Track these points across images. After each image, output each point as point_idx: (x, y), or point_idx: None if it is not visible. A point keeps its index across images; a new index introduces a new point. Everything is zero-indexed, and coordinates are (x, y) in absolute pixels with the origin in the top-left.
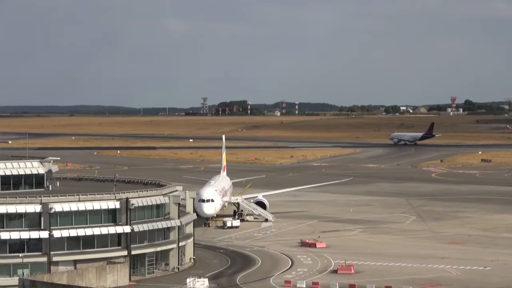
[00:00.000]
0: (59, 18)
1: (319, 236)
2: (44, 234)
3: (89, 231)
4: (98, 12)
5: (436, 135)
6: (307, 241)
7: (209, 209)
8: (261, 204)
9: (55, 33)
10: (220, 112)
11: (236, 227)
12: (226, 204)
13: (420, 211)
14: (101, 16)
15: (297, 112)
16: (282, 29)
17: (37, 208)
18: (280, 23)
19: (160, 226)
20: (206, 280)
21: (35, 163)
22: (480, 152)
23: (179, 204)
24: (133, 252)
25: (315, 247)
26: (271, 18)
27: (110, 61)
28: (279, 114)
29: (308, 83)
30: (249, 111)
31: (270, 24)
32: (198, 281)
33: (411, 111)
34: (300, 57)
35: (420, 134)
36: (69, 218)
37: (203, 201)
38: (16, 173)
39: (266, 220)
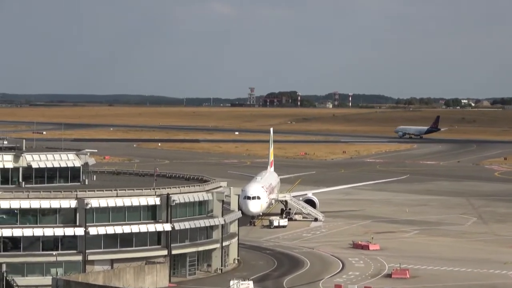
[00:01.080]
0: (99, 2)
1: (372, 238)
2: (80, 231)
3: (127, 229)
4: None
5: (442, 129)
6: (359, 242)
7: (255, 207)
8: (310, 202)
9: (94, 18)
10: (268, 104)
11: (284, 226)
12: (273, 202)
13: (481, 212)
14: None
15: (350, 104)
16: (335, 15)
17: (73, 203)
18: (333, 9)
19: (202, 225)
20: (251, 282)
21: (71, 156)
22: None
23: (223, 201)
24: (174, 252)
25: (368, 249)
26: (324, 3)
27: (152, 48)
28: (331, 106)
29: (363, 73)
30: (299, 103)
31: (322, 10)
32: (242, 284)
33: (473, 104)
34: (354, 45)
35: (425, 128)
36: (106, 215)
37: (248, 198)
38: (51, 166)
39: (316, 219)
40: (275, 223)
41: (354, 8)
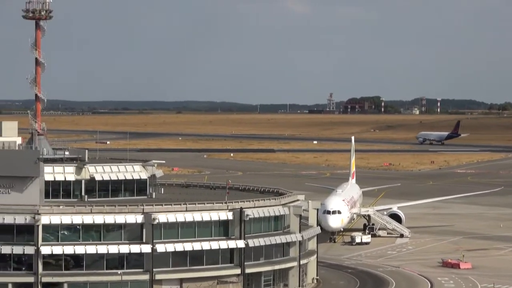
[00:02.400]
0: (165, 4)
1: (463, 256)
2: (146, 249)
3: (197, 246)
4: None
5: (462, 135)
6: (449, 261)
7: (335, 222)
8: (395, 217)
9: (161, 21)
10: (349, 110)
11: (367, 243)
12: (355, 216)
13: None
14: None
15: (439, 110)
16: (422, 14)
17: (139, 218)
18: (419, 8)
19: (278, 241)
20: None
21: (137, 167)
22: None
23: (300, 216)
24: (247, 271)
25: (459, 268)
26: (409, 1)
27: (223, 51)
28: (418, 112)
29: (453, 77)
30: (382, 109)
31: (408, 8)
32: None
33: None
34: (443, 46)
35: (446, 133)
36: (174, 231)
37: (328, 212)
38: (115, 178)
39: (402, 235)
40: (357, 240)
41: (442, 6)
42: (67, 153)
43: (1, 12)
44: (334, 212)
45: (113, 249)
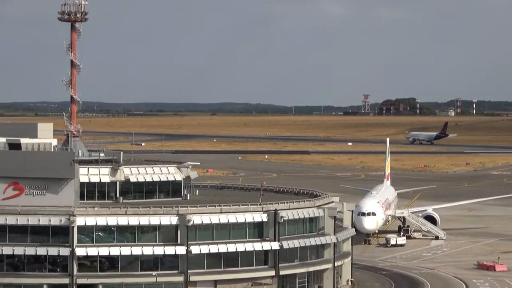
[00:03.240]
0: (201, 6)
1: (499, 258)
2: (181, 250)
3: (231, 247)
4: None
5: (450, 135)
6: (485, 263)
7: (370, 224)
8: (431, 219)
9: (196, 23)
10: (384, 112)
11: (402, 245)
12: (390, 218)
13: None
14: (246, 1)
15: (474, 111)
16: (456, 15)
17: (173, 220)
18: (454, 8)
19: (313, 243)
20: None
21: (172, 169)
22: None
23: (335, 217)
24: (282, 272)
25: (494, 270)
26: (444, 2)
27: (257, 53)
28: (453, 114)
29: (488, 78)
30: (418, 110)
31: (443, 9)
32: None
33: None
34: (478, 47)
35: (434, 134)
36: (209, 232)
37: (363, 214)
38: (150, 180)
39: (437, 237)
40: (392, 242)
41: (479, 7)
42: (102, 154)
43: (37, 14)
44: (369, 214)
45: (147, 250)
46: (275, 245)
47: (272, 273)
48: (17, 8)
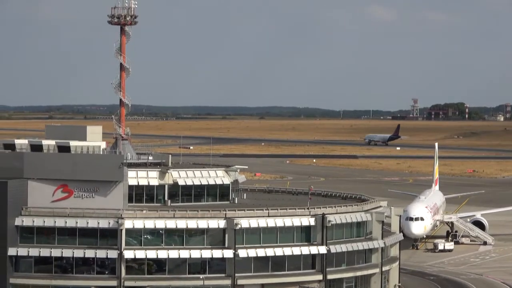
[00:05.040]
0: (249, 11)
1: None
2: (229, 254)
3: (279, 251)
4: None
5: (402, 137)
6: None
7: (418, 229)
8: (479, 224)
9: (244, 27)
10: (432, 116)
11: (449, 250)
12: (438, 223)
13: None
14: (294, 5)
15: None
16: (506, 19)
17: (221, 223)
18: (504, 13)
19: (360, 247)
20: None
21: (220, 172)
22: None
23: (383, 222)
24: (329, 277)
25: None
26: (493, 5)
27: (305, 56)
28: (502, 118)
29: None
30: (466, 115)
31: (491, 12)
32: None
33: None
34: None
35: (388, 135)
36: (256, 236)
37: (411, 219)
38: (198, 183)
39: (485, 243)
40: (440, 247)
41: None
42: (150, 158)
43: (87, 18)
44: (417, 219)
45: (195, 253)
46: (322, 249)
47: (320, 277)
48: (67, 12)
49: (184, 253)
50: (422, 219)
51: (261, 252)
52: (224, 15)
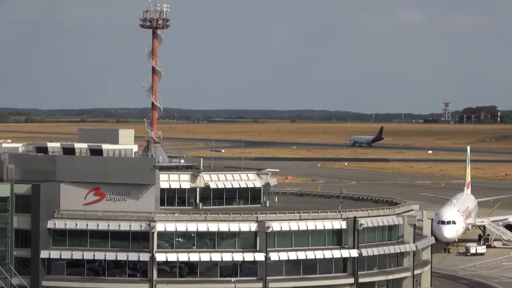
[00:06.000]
0: (280, 14)
1: None
2: (260, 257)
3: (310, 254)
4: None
5: (385, 138)
6: None
7: (450, 233)
8: (511, 228)
9: (276, 30)
10: (464, 120)
11: (482, 254)
12: (470, 227)
13: None
14: (323, 8)
15: None
16: None
17: (253, 226)
18: None
19: (392, 251)
20: None
21: (251, 175)
22: None
23: (414, 225)
24: (361, 280)
25: None
26: None
27: (336, 59)
28: None
29: None
30: (498, 119)
31: None
32: None
33: None
34: None
35: (371, 137)
36: (288, 239)
37: (443, 222)
38: (230, 186)
39: None
40: (472, 250)
41: None
42: (182, 161)
43: (119, 21)
44: (449, 223)
45: (227, 257)
46: (354, 253)
47: (351, 280)
48: (100, 16)
49: (216, 256)
50: (454, 222)
51: (292, 255)
52: (255, 18)
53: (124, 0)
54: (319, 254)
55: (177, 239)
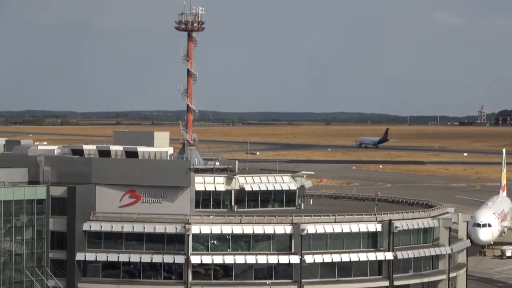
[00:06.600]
0: (315, 14)
1: None
2: (295, 259)
3: (345, 257)
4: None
5: (390, 140)
6: None
7: (485, 235)
8: None
9: (311, 32)
10: (500, 122)
11: None
12: (505, 229)
13: None
14: (359, 9)
15: None
16: None
17: (288, 229)
18: None
19: (427, 254)
20: None
21: (286, 178)
22: None
23: (450, 228)
24: (396, 283)
25: None
26: None
27: (372, 62)
28: None
29: None
30: None
31: None
32: None
33: None
34: None
35: (377, 138)
36: (323, 242)
37: (478, 225)
38: (265, 189)
39: None
40: (508, 253)
41: None
42: (217, 163)
43: (154, 24)
44: (484, 225)
45: (261, 259)
46: (389, 255)
47: (386, 283)
48: (135, 19)
49: (251, 259)
50: (489, 225)
51: (327, 258)
52: (290, 20)
53: (159, 3)
54: (354, 257)
55: (212, 242)
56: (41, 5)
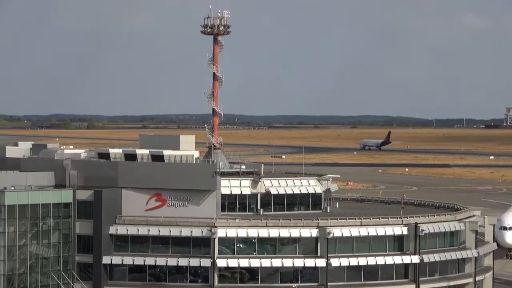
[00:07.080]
0: (340, 18)
1: None
2: (321, 263)
3: (371, 260)
4: (379, 8)
5: (392, 142)
6: None
7: None
8: None
9: (337, 35)
10: None
11: None
12: None
13: None
14: (385, 13)
15: None
16: None
17: (314, 232)
18: None
19: (453, 257)
20: None
21: (312, 181)
22: None
23: (476, 231)
24: (422, 286)
25: None
26: None
27: (398, 65)
28: None
29: None
30: None
31: None
32: None
33: None
34: None
35: (380, 141)
36: (349, 245)
37: (505, 228)
38: (291, 192)
39: None
40: None
41: None
42: (243, 167)
43: (180, 28)
44: (511, 228)
45: (287, 262)
46: (415, 259)
47: (412, 287)
48: (161, 22)
49: (277, 262)
50: None
51: (353, 261)
52: (316, 23)
53: (185, 7)
54: (380, 260)
55: (238, 245)
56: (68, 10)
